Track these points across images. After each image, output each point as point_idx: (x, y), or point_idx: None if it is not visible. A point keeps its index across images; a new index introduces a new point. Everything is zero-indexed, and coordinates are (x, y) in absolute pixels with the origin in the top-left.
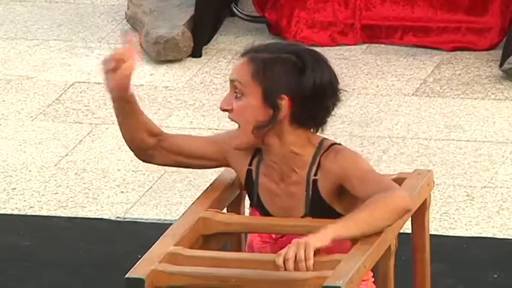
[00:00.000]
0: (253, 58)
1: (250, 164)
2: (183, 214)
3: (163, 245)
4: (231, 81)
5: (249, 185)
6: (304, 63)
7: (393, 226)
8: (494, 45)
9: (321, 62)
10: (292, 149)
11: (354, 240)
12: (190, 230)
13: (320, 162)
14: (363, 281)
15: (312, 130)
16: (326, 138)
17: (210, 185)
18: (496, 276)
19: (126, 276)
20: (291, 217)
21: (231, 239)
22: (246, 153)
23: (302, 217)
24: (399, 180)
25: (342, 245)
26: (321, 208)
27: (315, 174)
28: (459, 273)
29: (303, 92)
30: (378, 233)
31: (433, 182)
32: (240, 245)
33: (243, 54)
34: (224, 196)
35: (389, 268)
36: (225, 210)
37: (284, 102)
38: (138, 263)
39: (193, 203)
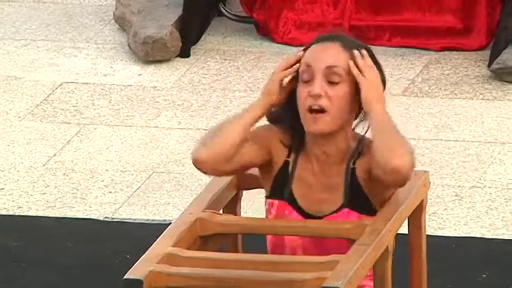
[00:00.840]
0: (347, 45)
1: (288, 156)
2: (180, 215)
3: (161, 246)
4: (328, 67)
5: (282, 177)
6: (376, 61)
7: (391, 227)
8: (482, 47)
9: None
10: (349, 139)
11: (352, 241)
12: (188, 231)
13: (361, 151)
14: (367, 280)
15: None
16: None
17: (207, 185)
18: (484, 276)
19: (125, 277)
20: (324, 210)
21: (228, 240)
22: (285, 144)
23: (339, 209)
24: None
25: (340, 246)
26: (358, 198)
27: (354, 163)
28: (448, 273)
29: (383, 82)
30: (376, 234)
31: (429, 183)
32: (237, 246)
33: (326, 41)
34: (221, 197)
35: (387, 269)
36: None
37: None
38: (136, 264)
39: (190, 203)
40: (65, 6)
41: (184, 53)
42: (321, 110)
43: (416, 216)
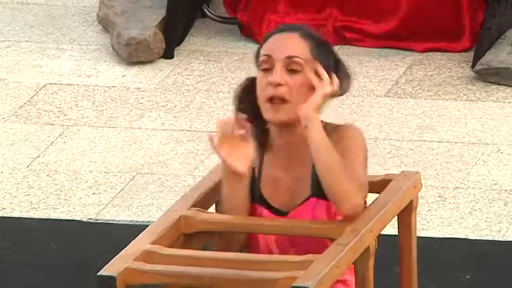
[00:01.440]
0: (304, 35)
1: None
2: (165, 212)
3: (140, 243)
4: (288, 57)
5: (252, 183)
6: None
7: (373, 227)
8: (466, 49)
9: None
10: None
11: (331, 241)
12: (171, 229)
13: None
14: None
15: None
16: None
17: (196, 184)
18: (468, 277)
19: (98, 273)
20: (294, 202)
21: (212, 238)
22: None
23: (307, 199)
24: (385, 182)
25: (317, 246)
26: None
27: None
28: (431, 273)
29: (339, 68)
30: (355, 234)
31: (421, 184)
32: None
33: (284, 31)
34: (208, 197)
35: (368, 269)
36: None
37: (335, 78)
38: (112, 260)
39: (177, 201)
40: (49, 7)
41: (168, 54)
42: (282, 99)
43: (406, 217)
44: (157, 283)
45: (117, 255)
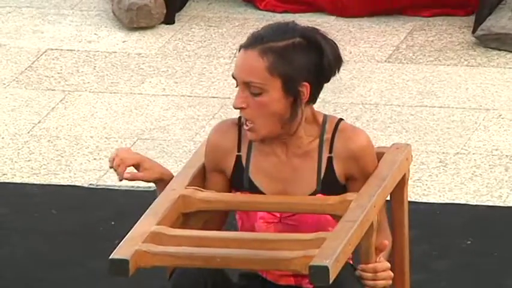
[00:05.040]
0: (263, 51)
1: (238, 150)
2: (163, 191)
3: (146, 225)
4: (245, 83)
5: (238, 171)
6: (316, 44)
7: (376, 202)
8: (468, 14)
9: (327, 38)
10: (302, 126)
11: (336, 217)
12: (171, 209)
13: (333, 141)
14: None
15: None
16: (326, 114)
17: (189, 160)
18: (469, 242)
19: (110, 257)
20: (290, 192)
21: (211, 217)
22: (231, 141)
23: (312, 193)
24: (378, 154)
25: (326, 224)
26: (333, 186)
27: (330, 152)
28: (432, 239)
29: (321, 73)
30: (361, 210)
31: (411, 156)
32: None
33: (248, 47)
34: (202, 174)
35: (371, 245)
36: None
37: (305, 89)
38: (121, 243)
39: (172, 179)
40: None
41: (169, 20)
42: (248, 121)
43: (398, 190)
44: (167, 265)
45: (125, 238)
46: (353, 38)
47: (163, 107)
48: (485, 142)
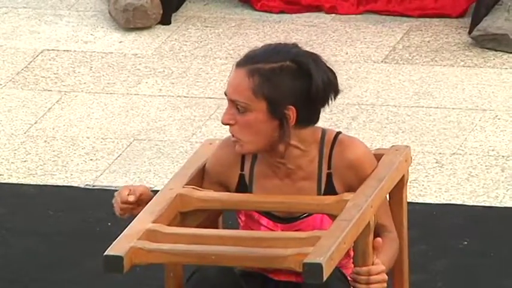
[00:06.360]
0: (251, 71)
1: (242, 169)
2: (161, 190)
3: (142, 222)
4: (232, 100)
5: (241, 190)
6: (306, 69)
7: (373, 203)
8: (462, 13)
9: (319, 62)
10: (298, 148)
11: (333, 217)
12: (168, 207)
13: (331, 156)
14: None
15: (313, 124)
16: (325, 128)
17: (187, 161)
18: (465, 242)
19: (105, 253)
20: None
21: (208, 216)
22: (235, 160)
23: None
24: (377, 156)
25: (322, 223)
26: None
27: (329, 168)
28: (429, 240)
29: (309, 98)
30: (357, 209)
31: (411, 158)
32: (218, 222)
33: (239, 65)
34: (201, 173)
35: (368, 245)
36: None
37: (291, 112)
38: (116, 240)
39: (171, 179)
40: None
41: (165, 20)
42: (235, 137)
43: (397, 192)
44: (162, 262)
45: (121, 235)
46: (349, 38)
47: (160, 107)
48: (481, 143)
